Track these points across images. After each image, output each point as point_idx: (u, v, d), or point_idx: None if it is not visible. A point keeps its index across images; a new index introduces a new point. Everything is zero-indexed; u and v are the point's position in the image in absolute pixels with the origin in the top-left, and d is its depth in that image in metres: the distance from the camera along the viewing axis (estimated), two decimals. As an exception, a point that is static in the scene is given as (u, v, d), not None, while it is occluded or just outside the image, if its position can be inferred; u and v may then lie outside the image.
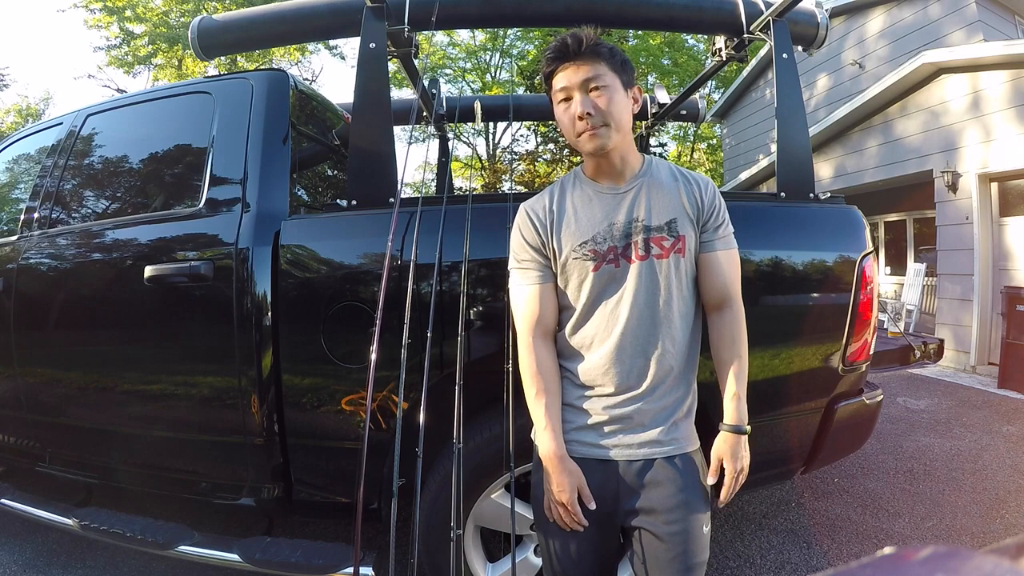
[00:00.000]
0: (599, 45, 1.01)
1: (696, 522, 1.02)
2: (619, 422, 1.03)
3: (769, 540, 2.24)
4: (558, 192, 1.10)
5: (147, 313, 1.70)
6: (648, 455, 1.02)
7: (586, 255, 1.03)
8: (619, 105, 1.01)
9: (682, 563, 1.00)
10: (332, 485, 1.61)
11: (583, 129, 1.00)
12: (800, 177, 1.72)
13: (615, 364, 1.02)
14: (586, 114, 0.99)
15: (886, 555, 0.26)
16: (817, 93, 9.21)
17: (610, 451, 1.03)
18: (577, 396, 1.06)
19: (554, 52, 1.02)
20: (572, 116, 1.01)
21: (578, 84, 1.00)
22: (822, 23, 1.95)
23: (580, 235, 1.04)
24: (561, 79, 1.01)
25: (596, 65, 1.00)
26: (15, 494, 1.94)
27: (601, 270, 1.02)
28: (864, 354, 1.63)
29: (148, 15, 13.45)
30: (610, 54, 1.01)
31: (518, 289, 1.08)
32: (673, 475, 1.02)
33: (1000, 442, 3.37)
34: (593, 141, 1.00)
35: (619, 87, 1.02)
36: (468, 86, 17.60)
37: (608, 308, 1.03)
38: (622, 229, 1.03)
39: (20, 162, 2.29)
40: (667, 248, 1.02)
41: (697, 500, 1.03)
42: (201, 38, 2.01)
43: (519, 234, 1.10)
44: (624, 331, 1.01)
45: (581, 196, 1.08)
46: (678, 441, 1.04)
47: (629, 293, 1.02)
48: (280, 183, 1.64)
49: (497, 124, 16.61)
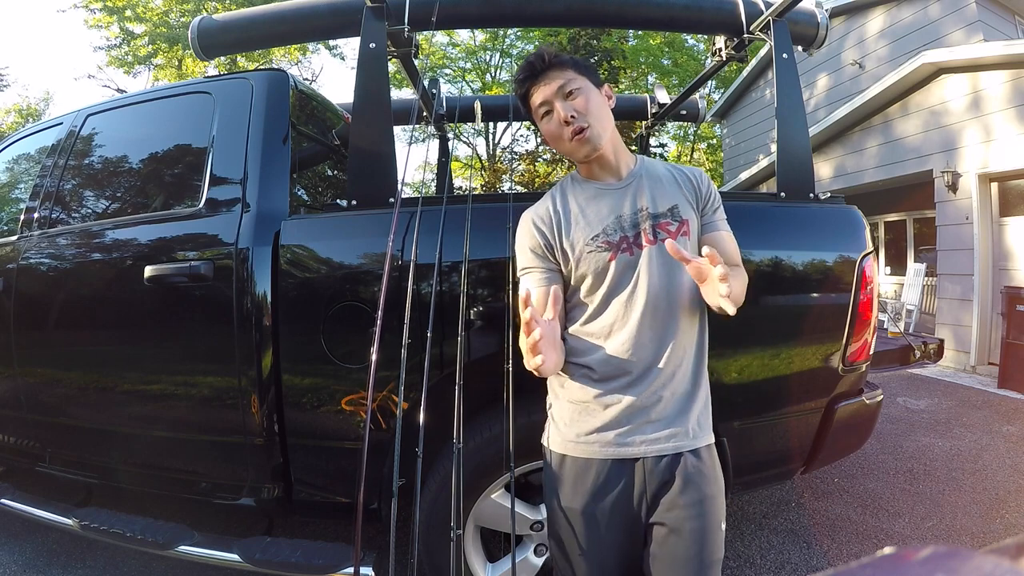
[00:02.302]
0: (562, 56, 1.07)
1: (715, 518, 1.01)
2: (643, 414, 1.01)
3: (769, 540, 2.24)
4: (559, 195, 1.12)
5: (147, 313, 1.70)
6: (676, 448, 1.01)
7: (600, 247, 1.04)
8: (596, 103, 1.06)
9: (700, 561, 0.98)
10: (332, 485, 1.61)
11: (571, 133, 1.04)
12: (800, 177, 1.72)
13: (636, 347, 1.02)
14: (570, 116, 1.03)
15: (886, 555, 0.26)
16: (817, 93, 9.21)
17: (636, 448, 1.01)
18: (596, 394, 1.03)
19: (524, 73, 1.08)
20: (558, 122, 1.05)
21: (554, 93, 1.05)
22: (822, 23, 1.95)
23: (591, 230, 1.06)
24: (538, 95, 1.07)
25: (565, 72, 1.05)
26: (15, 494, 1.94)
27: (618, 259, 1.04)
28: (864, 354, 1.63)
29: (148, 15, 13.45)
30: (573, 62, 1.07)
31: (528, 291, 1.06)
32: (699, 468, 1.01)
33: (1000, 442, 3.37)
34: (584, 146, 1.04)
35: (592, 87, 1.07)
36: (468, 86, 17.60)
37: (626, 295, 1.04)
38: (629, 219, 1.06)
39: (20, 162, 2.29)
40: (673, 232, 1.05)
41: (719, 493, 1.03)
42: (201, 38, 2.01)
43: (524, 244, 1.11)
44: (644, 313, 1.02)
45: (584, 195, 1.10)
46: (699, 434, 1.04)
47: (644, 277, 1.03)
48: (280, 183, 1.64)
49: (497, 124, 16.63)
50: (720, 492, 1.04)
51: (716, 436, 1.08)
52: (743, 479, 1.63)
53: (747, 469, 1.62)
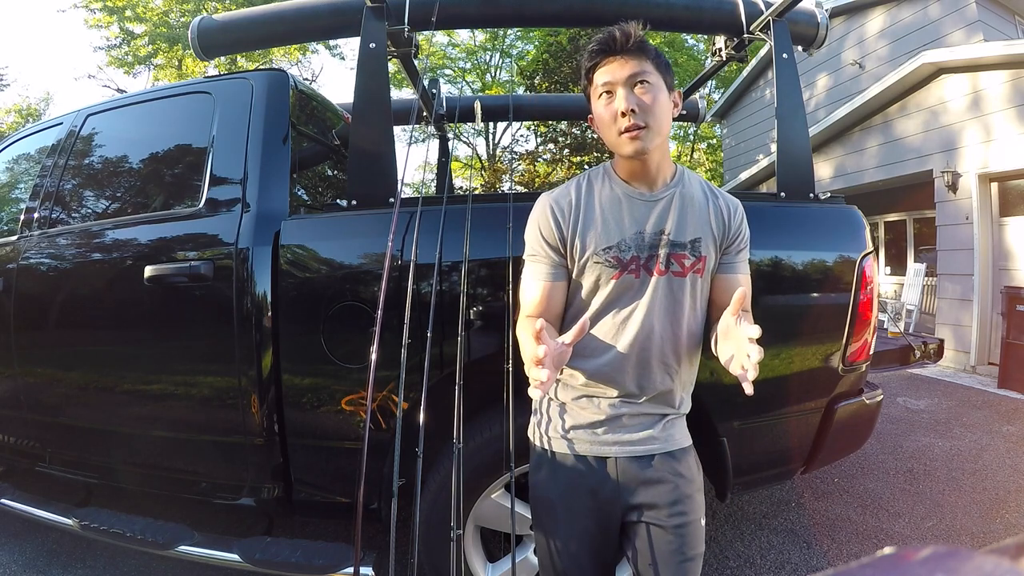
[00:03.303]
0: (646, 43, 0.97)
1: (696, 514, 1.03)
2: (615, 421, 1.03)
3: (769, 540, 2.24)
4: (585, 187, 1.04)
5: (147, 313, 1.70)
6: (647, 451, 1.02)
7: (608, 261, 0.99)
8: (663, 106, 0.96)
9: (682, 555, 1.00)
10: (332, 485, 1.61)
11: (625, 126, 0.94)
12: (800, 177, 1.72)
13: (618, 373, 1.01)
14: (630, 110, 0.93)
15: (886, 555, 0.26)
16: (817, 93, 9.21)
17: (609, 448, 1.03)
18: (575, 396, 1.05)
19: (599, 45, 0.97)
20: (614, 112, 0.95)
21: (624, 79, 0.95)
22: (822, 23, 1.95)
23: (606, 239, 0.99)
24: (605, 73, 0.96)
25: (643, 62, 0.95)
26: (15, 494, 1.94)
27: (621, 279, 0.99)
28: (864, 354, 1.63)
29: (148, 15, 13.45)
30: (656, 53, 0.97)
31: (528, 283, 1.05)
32: (673, 469, 1.02)
33: (1000, 442, 3.37)
34: (634, 144, 0.95)
35: (663, 87, 0.97)
36: (468, 86, 17.60)
37: (619, 318, 1.00)
38: (648, 240, 0.99)
39: (20, 162, 2.29)
40: (687, 267, 1.00)
41: (696, 492, 1.04)
42: (201, 38, 2.01)
43: (536, 227, 1.04)
44: (633, 343, 0.99)
45: (610, 196, 1.02)
46: (673, 438, 1.04)
47: (644, 306, 0.99)
48: (280, 183, 1.64)
49: (497, 124, 16.61)
50: (697, 491, 1.05)
51: (716, 436, 1.09)
52: (743, 479, 1.63)
53: (747, 469, 1.62)
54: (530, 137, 16.69)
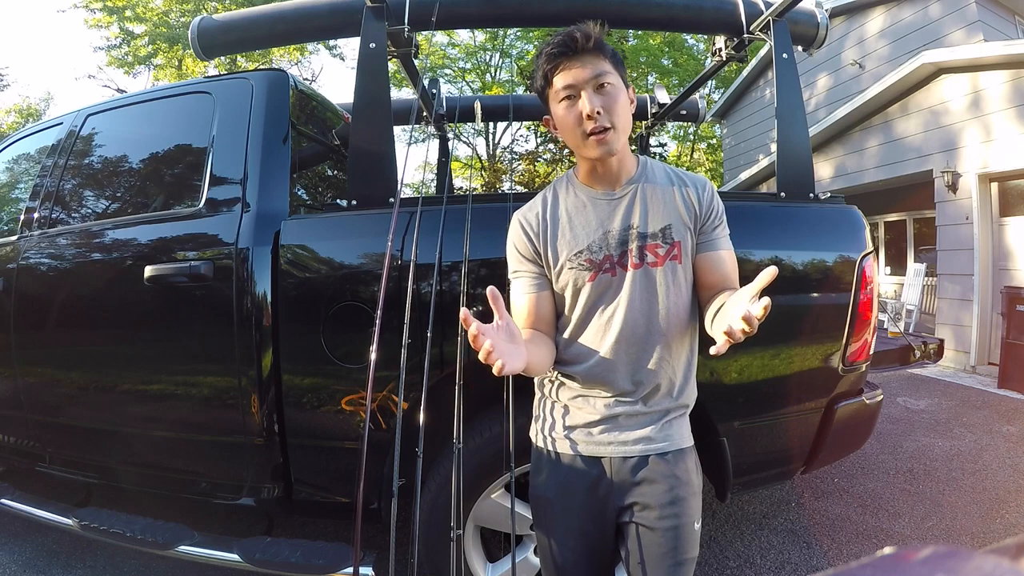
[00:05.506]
0: (603, 42, 0.96)
1: (689, 518, 1.02)
2: (612, 421, 1.03)
3: (769, 540, 2.24)
4: (551, 198, 1.07)
5: (147, 313, 1.70)
6: (642, 451, 1.02)
7: (582, 264, 1.00)
8: (624, 106, 0.97)
9: (673, 559, 1.00)
10: (332, 485, 1.61)
11: (591, 129, 0.95)
12: (800, 177, 1.72)
13: (610, 373, 1.01)
14: (596, 112, 0.93)
15: (886, 555, 0.26)
16: (817, 93, 9.21)
17: (604, 448, 1.03)
18: (571, 397, 1.06)
19: (559, 48, 0.95)
20: (578, 115, 0.95)
21: (585, 81, 0.94)
22: (822, 23, 1.95)
23: (575, 244, 1.01)
24: (566, 77, 0.95)
25: (602, 61, 0.95)
26: (15, 494, 1.94)
27: (597, 279, 1.00)
28: (864, 354, 1.63)
29: (148, 15, 13.44)
30: (612, 52, 0.98)
31: (516, 298, 1.07)
32: (667, 471, 1.02)
33: (1000, 442, 3.37)
34: (601, 147, 0.96)
35: (623, 87, 0.98)
36: (468, 86, 17.59)
37: (604, 317, 1.01)
38: (617, 237, 1.00)
39: (20, 162, 2.29)
40: (661, 256, 1.00)
41: (691, 496, 1.03)
42: (201, 38, 2.01)
43: (512, 246, 1.07)
44: (618, 339, 1.00)
45: (575, 202, 1.04)
46: (671, 438, 1.04)
47: (623, 302, 1.00)
48: (280, 183, 1.64)
49: (497, 124, 16.62)
50: (693, 494, 1.04)
51: (716, 436, 1.09)
52: (743, 479, 1.63)
53: (747, 469, 1.62)
54: (530, 137, 16.70)
